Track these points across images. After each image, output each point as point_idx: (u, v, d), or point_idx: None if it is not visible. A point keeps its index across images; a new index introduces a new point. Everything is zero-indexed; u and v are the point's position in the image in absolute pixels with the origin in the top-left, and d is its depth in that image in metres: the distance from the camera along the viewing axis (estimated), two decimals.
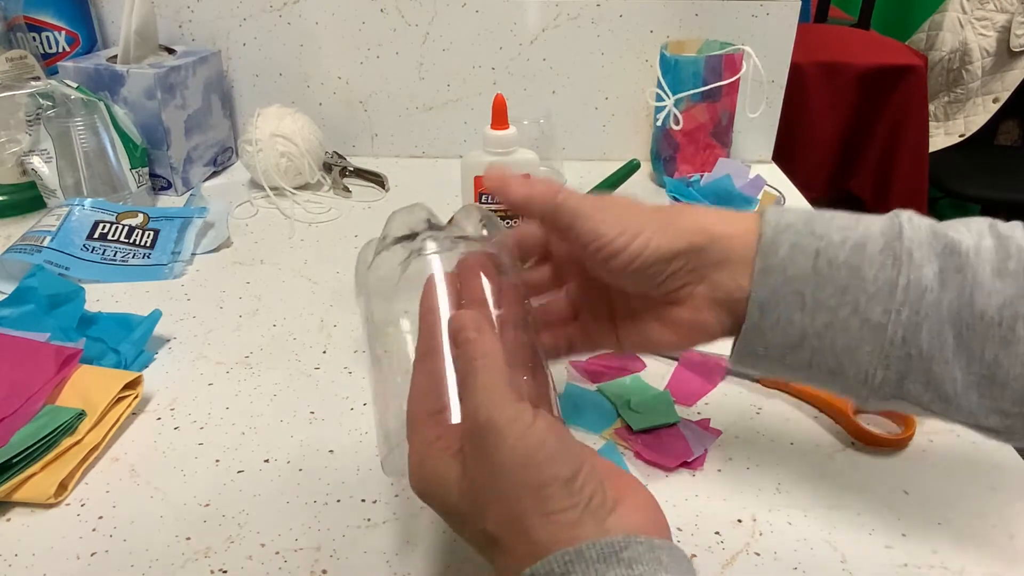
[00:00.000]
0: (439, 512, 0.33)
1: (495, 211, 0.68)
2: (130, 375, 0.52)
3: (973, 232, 0.35)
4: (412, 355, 0.36)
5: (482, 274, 0.38)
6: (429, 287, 0.37)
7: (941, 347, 0.34)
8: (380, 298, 0.40)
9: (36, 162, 0.77)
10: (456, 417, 0.32)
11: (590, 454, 0.31)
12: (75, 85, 0.77)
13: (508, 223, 0.69)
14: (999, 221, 0.35)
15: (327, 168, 0.93)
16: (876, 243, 0.35)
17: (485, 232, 0.41)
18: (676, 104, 0.87)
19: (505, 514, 0.29)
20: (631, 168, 0.48)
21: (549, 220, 0.39)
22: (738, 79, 0.86)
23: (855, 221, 0.36)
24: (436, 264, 0.38)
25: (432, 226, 0.41)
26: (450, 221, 0.42)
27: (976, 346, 0.33)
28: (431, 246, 0.39)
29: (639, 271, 0.37)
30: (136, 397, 0.52)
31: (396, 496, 0.46)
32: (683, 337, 0.39)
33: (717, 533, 0.44)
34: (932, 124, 2.14)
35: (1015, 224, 0.35)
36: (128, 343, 0.57)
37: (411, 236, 0.40)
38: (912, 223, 0.35)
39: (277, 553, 0.42)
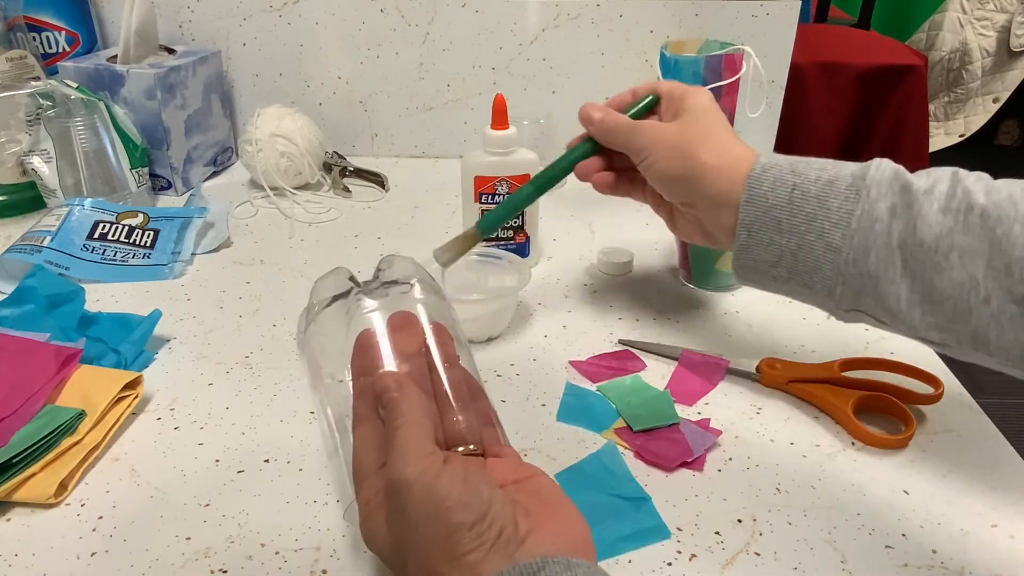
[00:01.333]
0: (383, 561, 0.35)
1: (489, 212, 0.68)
2: (130, 375, 0.52)
3: (932, 177, 0.40)
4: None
5: (408, 325, 0.40)
6: (358, 348, 0.39)
7: (887, 269, 0.39)
8: (325, 357, 0.42)
9: (36, 162, 0.77)
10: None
11: (499, 494, 0.32)
12: (75, 85, 0.77)
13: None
14: (963, 170, 0.40)
15: (327, 168, 0.93)
16: (844, 181, 0.41)
17: (413, 275, 0.44)
18: None
19: (421, 563, 0.31)
20: (649, 104, 0.53)
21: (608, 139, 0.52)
22: (738, 79, 0.86)
23: (832, 164, 0.43)
24: (370, 319, 0.40)
25: (358, 284, 0.44)
26: (375, 274, 0.44)
27: (918, 269, 0.39)
28: (367, 302, 0.41)
29: (652, 180, 0.50)
30: (136, 397, 0.52)
31: None
32: (692, 235, 0.51)
33: (717, 533, 0.44)
34: (932, 124, 2.14)
35: (979, 174, 0.40)
36: (128, 343, 0.57)
37: (344, 294, 0.43)
38: (880, 167, 0.41)
39: (277, 553, 0.42)
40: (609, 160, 0.53)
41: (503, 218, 0.58)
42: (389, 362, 0.38)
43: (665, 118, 0.51)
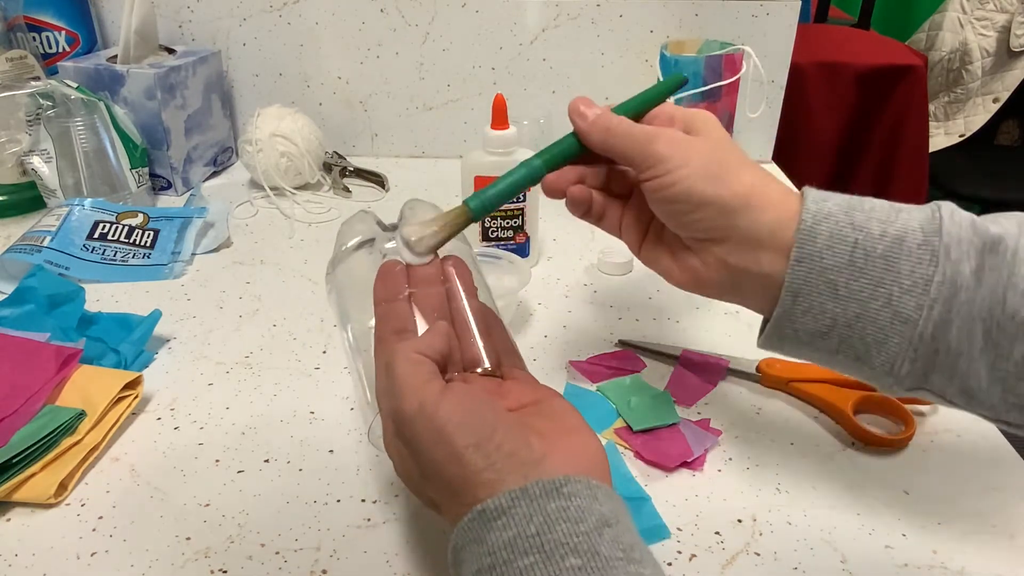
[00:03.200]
0: (406, 485, 0.36)
1: (494, 212, 0.68)
2: (130, 375, 0.52)
3: (1015, 228, 0.35)
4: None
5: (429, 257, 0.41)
6: (379, 276, 0.40)
7: (970, 344, 0.34)
8: (353, 301, 0.43)
9: (36, 162, 0.77)
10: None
11: (508, 417, 0.33)
12: (75, 85, 0.77)
13: (506, 223, 0.69)
14: None
15: (327, 168, 0.93)
16: (915, 237, 0.35)
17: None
18: (676, 104, 0.87)
19: (439, 489, 0.32)
20: (675, 84, 0.45)
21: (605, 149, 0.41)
22: (738, 79, 0.86)
23: (895, 213, 0.36)
24: (393, 254, 0.41)
25: (385, 228, 0.44)
26: (400, 218, 0.44)
27: (1005, 344, 0.34)
28: (392, 244, 0.42)
29: (666, 201, 0.38)
30: (136, 397, 0.52)
31: (396, 496, 0.46)
32: (685, 281, 0.41)
33: (717, 533, 0.44)
34: (932, 124, 2.14)
35: None
36: (128, 343, 0.57)
37: (371, 240, 0.44)
38: (953, 218, 0.35)
39: (277, 553, 0.42)
40: (584, 174, 0.43)
41: (499, 200, 0.43)
42: (402, 289, 0.39)
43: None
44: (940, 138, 2.15)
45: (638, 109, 0.42)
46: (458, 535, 0.30)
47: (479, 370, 0.37)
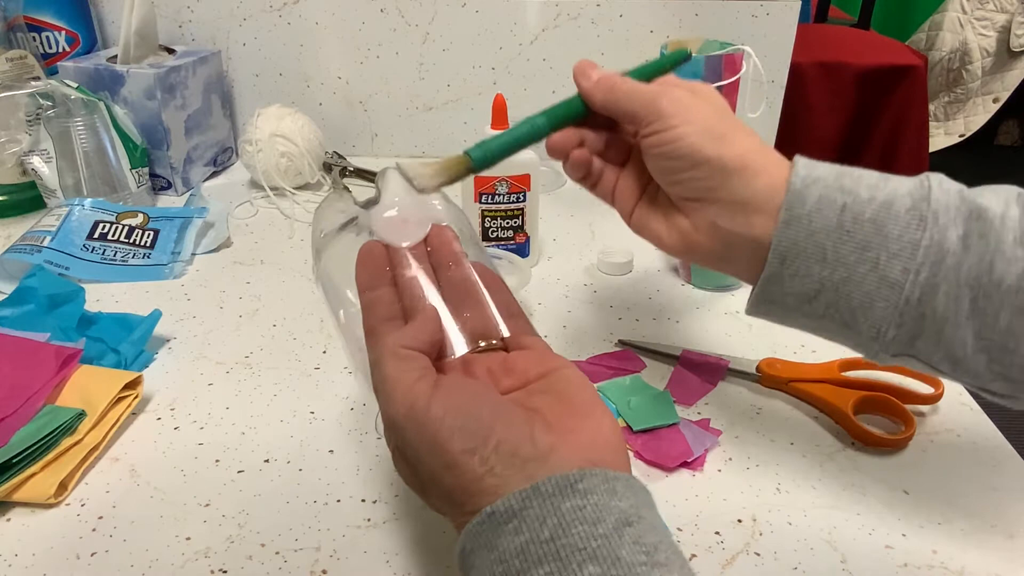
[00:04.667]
0: (409, 487, 0.34)
1: (494, 212, 0.68)
2: (130, 375, 0.52)
3: (1001, 199, 0.35)
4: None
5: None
6: (359, 262, 0.38)
7: (956, 310, 0.34)
8: (346, 282, 0.40)
9: (36, 162, 0.77)
10: None
11: (507, 410, 0.31)
12: (75, 85, 0.77)
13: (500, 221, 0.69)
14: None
15: (327, 168, 0.93)
16: (903, 202, 0.35)
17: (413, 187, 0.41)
18: None
19: (438, 495, 0.31)
20: (680, 57, 0.46)
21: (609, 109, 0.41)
22: (738, 79, 0.86)
23: (884, 180, 0.36)
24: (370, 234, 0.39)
25: (363, 205, 0.41)
26: (377, 193, 0.42)
27: (991, 312, 0.34)
28: (372, 220, 0.40)
29: (666, 156, 0.38)
30: (136, 397, 0.52)
31: (396, 496, 0.46)
32: (675, 244, 0.41)
33: (717, 533, 0.44)
34: (932, 124, 2.14)
35: None
36: (128, 343, 0.57)
37: (351, 220, 0.41)
38: (942, 186, 0.35)
39: (277, 553, 0.42)
40: (585, 137, 0.43)
41: (501, 153, 0.42)
42: (384, 273, 0.37)
43: None
44: (940, 138, 2.15)
45: (642, 77, 0.42)
46: (466, 538, 0.29)
47: (482, 344, 0.35)
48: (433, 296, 0.36)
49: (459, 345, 0.35)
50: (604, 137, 0.43)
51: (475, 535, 0.28)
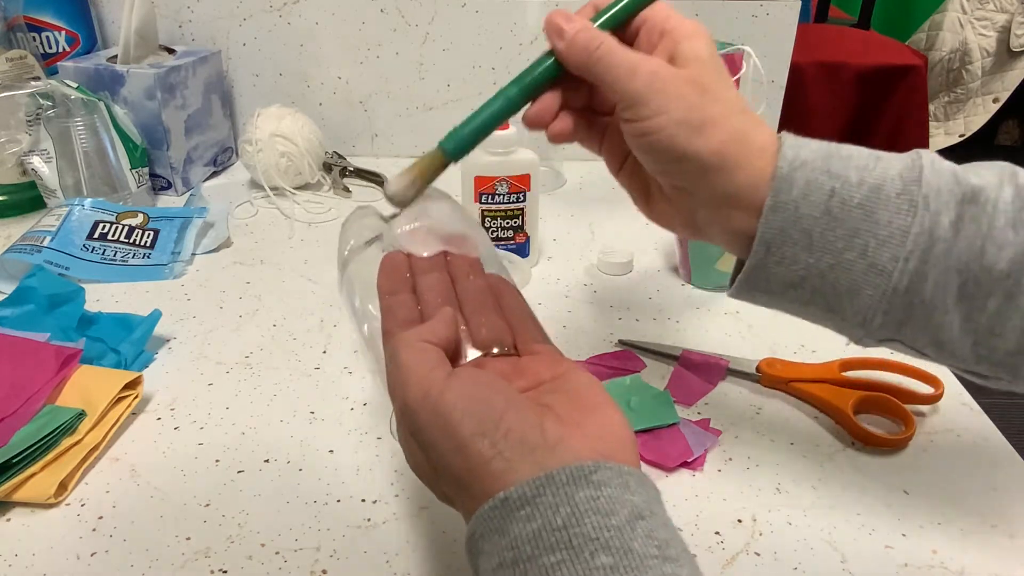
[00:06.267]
0: (422, 481, 0.34)
1: (494, 212, 0.68)
2: (130, 375, 0.52)
3: (995, 177, 0.34)
4: None
5: (426, 240, 0.40)
6: (382, 270, 0.39)
7: (944, 296, 0.33)
8: (370, 296, 0.41)
9: (36, 162, 0.77)
10: None
11: (519, 400, 0.31)
12: (75, 85, 0.77)
13: (499, 221, 0.69)
14: (1021, 169, 0.35)
15: (327, 168, 0.93)
16: (894, 186, 0.34)
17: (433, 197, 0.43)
18: None
19: (449, 481, 0.31)
20: (629, 9, 0.40)
21: (583, 69, 0.38)
22: (738, 79, 0.86)
23: (874, 160, 0.35)
24: (394, 244, 0.40)
25: (388, 218, 0.43)
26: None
27: (980, 297, 0.33)
28: (395, 232, 0.41)
29: (642, 149, 0.37)
30: (136, 397, 0.52)
31: (396, 496, 0.46)
32: (655, 218, 0.42)
33: (717, 533, 0.44)
34: (932, 124, 2.14)
35: None
36: (128, 343, 0.57)
37: (379, 236, 0.42)
38: (934, 167, 0.34)
39: (277, 553, 0.42)
40: (567, 96, 0.40)
41: (476, 137, 0.42)
42: (404, 280, 0.38)
43: (651, 53, 0.38)
44: (940, 138, 2.15)
45: (628, 11, 0.38)
46: (477, 523, 0.28)
47: (496, 351, 0.36)
48: (450, 302, 0.37)
49: (473, 350, 0.36)
50: (587, 90, 0.40)
51: (487, 520, 0.28)
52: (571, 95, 0.40)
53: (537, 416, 0.30)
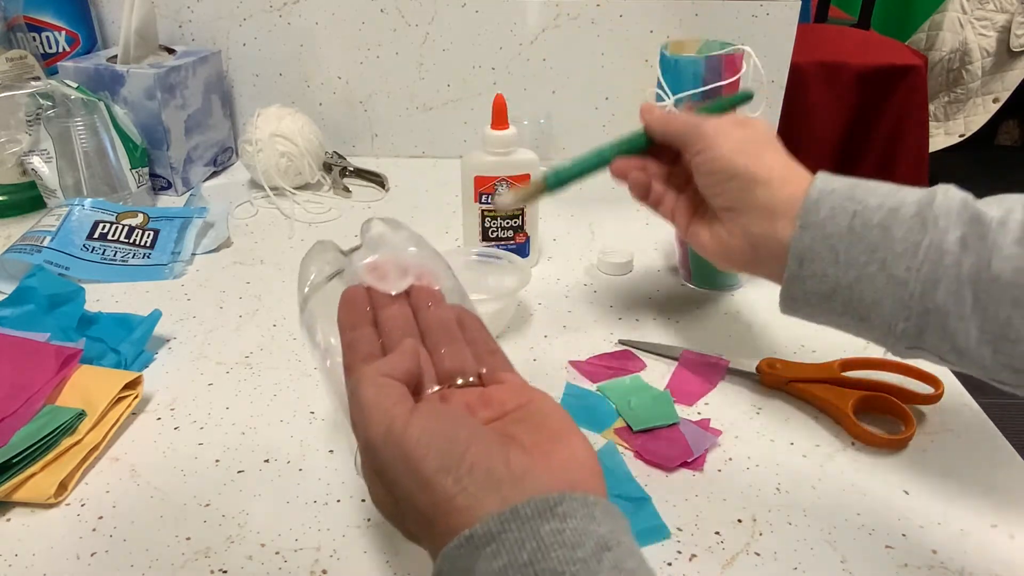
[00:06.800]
0: (388, 520, 0.34)
1: (494, 212, 0.68)
2: (130, 375, 0.52)
3: (1004, 206, 0.38)
4: None
5: (386, 274, 0.40)
6: (342, 305, 0.39)
7: (958, 304, 0.37)
8: (333, 331, 0.41)
9: (36, 162, 0.77)
10: None
11: (484, 432, 0.31)
12: (75, 85, 0.77)
13: (508, 221, 0.69)
14: None
15: (327, 168, 0.93)
16: (909, 209, 0.39)
17: (392, 230, 0.43)
18: (676, 104, 0.87)
19: (414, 519, 0.30)
20: (743, 98, 0.54)
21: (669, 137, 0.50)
22: (738, 79, 0.86)
23: (895, 190, 0.40)
24: (353, 278, 0.40)
25: (347, 253, 0.43)
26: (362, 241, 0.43)
27: (991, 306, 0.36)
28: (355, 266, 0.41)
29: (707, 172, 0.46)
30: (136, 397, 0.52)
31: None
32: (716, 250, 0.48)
33: (717, 533, 0.44)
34: (932, 124, 2.14)
35: None
36: (128, 343, 0.57)
37: (340, 271, 0.42)
38: (947, 194, 0.39)
39: (277, 553, 0.42)
40: (647, 165, 0.52)
41: (575, 176, 0.53)
42: (365, 314, 0.38)
43: None
44: (940, 138, 2.15)
45: (710, 113, 0.51)
46: (443, 562, 0.28)
47: (460, 381, 0.35)
48: (411, 334, 0.37)
49: (435, 381, 0.36)
50: (666, 168, 0.52)
51: (452, 559, 0.28)
52: (653, 166, 0.52)
53: (502, 448, 0.30)
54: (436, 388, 0.35)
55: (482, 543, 0.27)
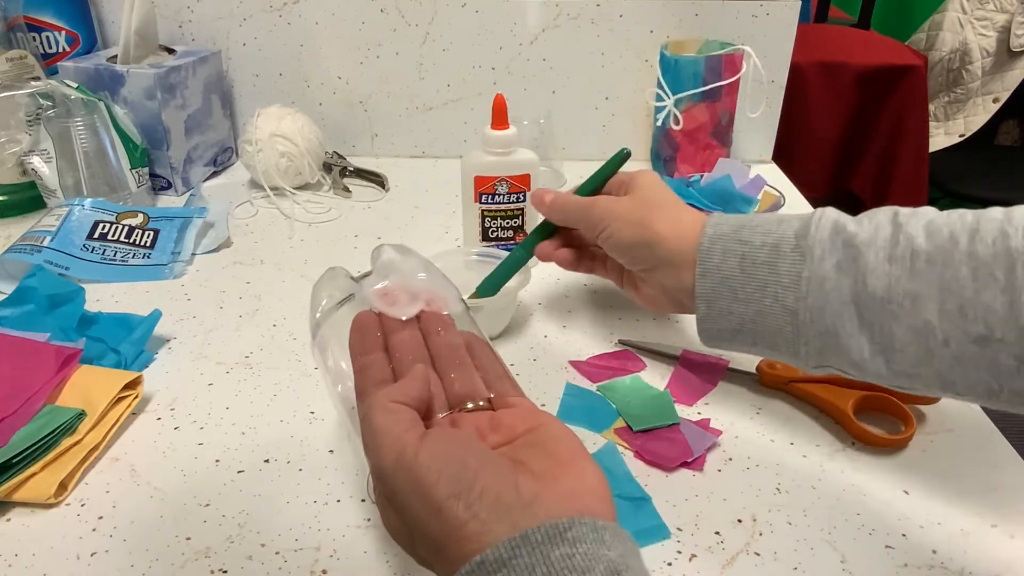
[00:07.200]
0: (400, 546, 0.34)
1: (494, 212, 0.68)
2: (130, 375, 0.52)
3: (873, 224, 0.40)
4: None
5: (397, 300, 0.41)
6: (353, 331, 0.39)
7: (845, 324, 0.40)
8: (345, 356, 0.41)
9: (36, 162, 0.77)
10: None
11: (493, 459, 0.31)
12: (75, 85, 0.77)
13: (510, 221, 0.69)
14: (903, 209, 0.41)
15: (327, 168, 0.93)
16: (788, 243, 0.42)
17: (402, 256, 0.43)
18: (676, 104, 0.87)
19: (426, 546, 0.31)
20: (620, 159, 0.54)
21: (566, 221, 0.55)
22: (738, 79, 0.86)
23: (776, 225, 0.43)
24: (365, 304, 0.41)
25: (357, 279, 0.44)
26: (373, 266, 0.44)
27: (875, 321, 0.39)
28: (366, 292, 0.41)
29: (611, 248, 0.51)
30: (136, 397, 0.52)
31: None
32: (647, 304, 0.52)
33: (717, 533, 0.44)
34: (932, 124, 2.14)
35: (920, 212, 0.40)
36: (128, 343, 0.57)
37: (351, 296, 0.43)
38: (820, 223, 0.41)
39: (277, 553, 0.42)
40: (568, 239, 0.56)
41: (503, 279, 0.59)
42: (376, 339, 0.38)
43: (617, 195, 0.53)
44: (940, 138, 2.15)
45: (596, 185, 0.54)
46: None
47: (470, 406, 0.36)
48: (422, 359, 0.37)
49: (446, 406, 0.36)
50: (578, 238, 0.56)
51: None
52: (573, 239, 0.56)
53: (512, 474, 0.30)
54: (446, 412, 0.35)
55: (492, 569, 0.27)
